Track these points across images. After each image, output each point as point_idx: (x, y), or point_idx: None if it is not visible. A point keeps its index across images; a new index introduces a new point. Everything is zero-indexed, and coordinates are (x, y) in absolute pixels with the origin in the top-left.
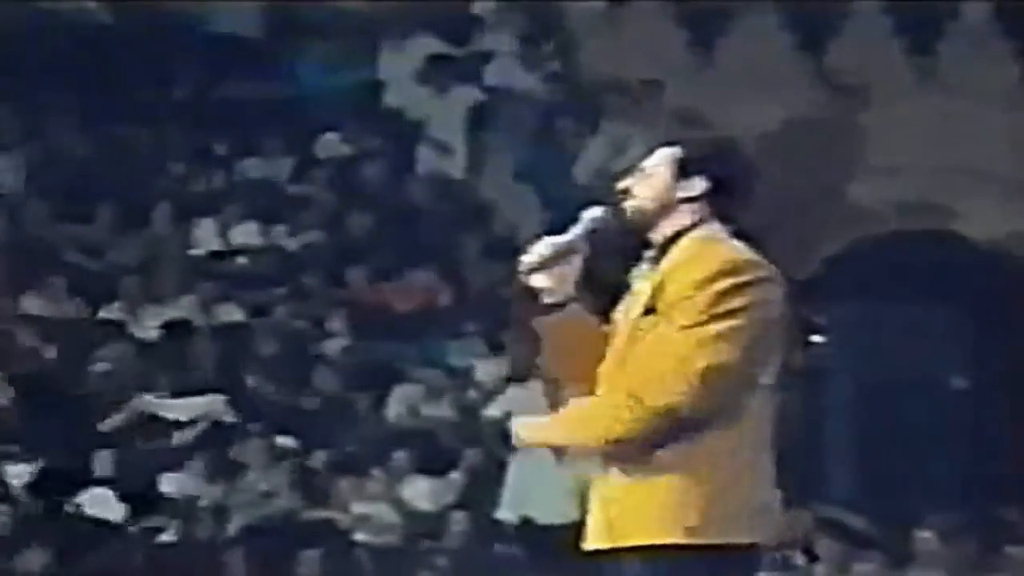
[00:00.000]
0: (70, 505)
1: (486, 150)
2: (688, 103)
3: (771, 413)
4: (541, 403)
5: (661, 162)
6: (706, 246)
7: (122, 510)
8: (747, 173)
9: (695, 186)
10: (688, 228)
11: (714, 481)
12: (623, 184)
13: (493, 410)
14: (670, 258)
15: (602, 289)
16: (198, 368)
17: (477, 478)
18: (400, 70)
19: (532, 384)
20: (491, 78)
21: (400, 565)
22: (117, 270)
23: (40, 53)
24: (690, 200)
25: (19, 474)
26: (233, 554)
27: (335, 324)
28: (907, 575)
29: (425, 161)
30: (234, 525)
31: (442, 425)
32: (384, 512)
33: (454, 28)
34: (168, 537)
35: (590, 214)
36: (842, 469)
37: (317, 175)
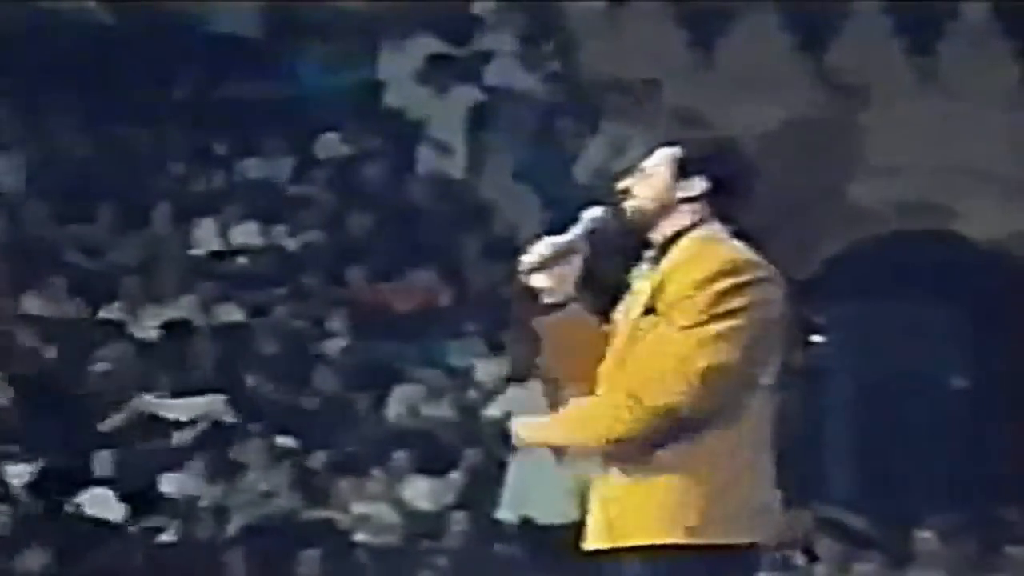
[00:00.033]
0: (70, 505)
1: (486, 150)
2: (688, 103)
3: (771, 413)
4: (541, 403)
5: (661, 162)
6: (706, 246)
7: (122, 510)
8: (747, 173)
9: (695, 186)
10: (688, 228)
11: (714, 481)
12: (623, 184)
13: (493, 410)
14: (670, 258)
15: (602, 289)
16: (198, 368)
17: (477, 478)
18: (400, 70)
19: (532, 384)
20: (491, 78)
21: (400, 565)
22: (117, 270)
23: (40, 53)
24: (690, 200)
25: (19, 474)
26: (233, 554)
27: (335, 324)
28: (907, 575)
29: (425, 161)
30: (234, 525)
31: (442, 425)
32: (384, 512)
33: (454, 28)
34: (168, 537)
35: (590, 214)
36: (842, 469)
37: (317, 175)
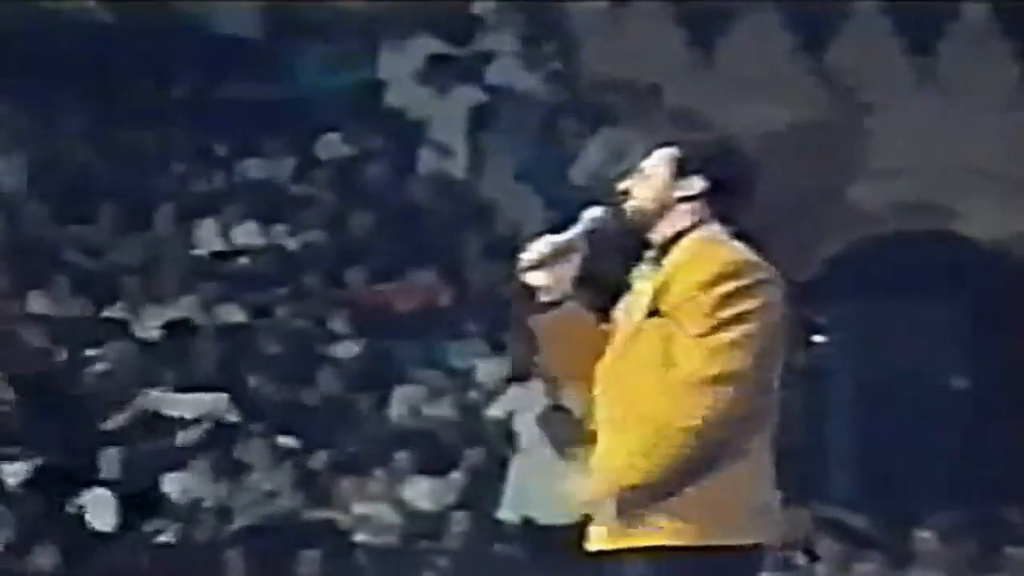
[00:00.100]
0: (71, 506)
1: (487, 150)
2: (689, 103)
3: (772, 413)
4: (542, 403)
5: (660, 162)
6: (707, 247)
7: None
8: (747, 173)
9: (693, 185)
10: (688, 228)
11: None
12: (623, 185)
13: (494, 410)
14: (671, 259)
15: (602, 288)
16: (200, 368)
17: (478, 478)
18: (401, 70)
19: (533, 384)
20: (492, 78)
21: (401, 565)
22: (119, 270)
23: (42, 54)
24: (689, 199)
25: (22, 473)
26: (234, 554)
27: (336, 324)
28: (907, 575)
29: (426, 161)
30: (235, 525)
31: (443, 425)
32: (385, 512)
33: (454, 28)
34: (170, 537)
35: (590, 214)
36: (843, 469)
37: (318, 175)
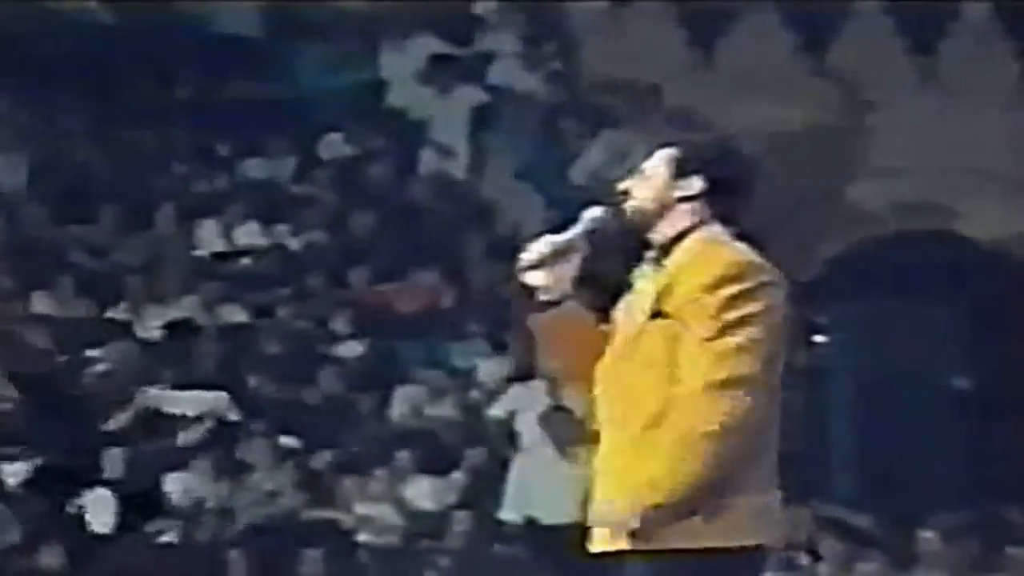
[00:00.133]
0: (72, 506)
1: (488, 150)
2: (689, 104)
3: (775, 414)
4: (543, 403)
5: (660, 162)
6: (709, 247)
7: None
8: (746, 173)
9: (693, 185)
10: (689, 229)
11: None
12: (623, 185)
13: (496, 410)
14: (673, 260)
15: (602, 288)
16: (202, 368)
17: (480, 478)
18: (402, 70)
19: (535, 384)
20: (493, 78)
21: (403, 566)
22: (121, 271)
23: (43, 54)
24: (688, 199)
25: (24, 473)
26: (236, 554)
27: (338, 324)
28: (910, 575)
29: (428, 161)
30: (237, 525)
31: (445, 425)
32: (387, 512)
33: (455, 28)
34: (172, 537)
35: (590, 214)
36: (845, 469)
37: (320, 175)
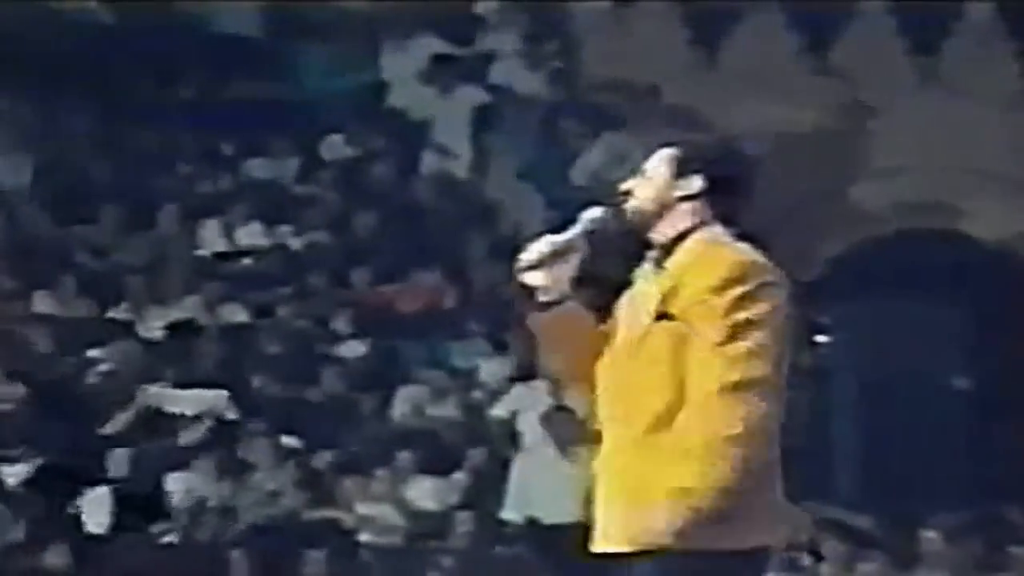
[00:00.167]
0: (73, 507)
1: (490, 150)
2: (692, 104)
3: (778, 415)
4: (545, 403)
5: (660, 162)
6: (711, 248)
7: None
8: (746, 173)
9: (693, 185)
10: (690, 229)
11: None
12: (624, 186)
13: (498, 410)
14: (675, 260)
15: (602, 288)
16: (204, 368)
17: (481, 478)
18: (404, 70)
19: (536, 383)
20: (495, 78)
21: (405, 565)
22: (123, 271)
23: (45, 54)
24: (688, 199)
25: (26, 473)
26: (238, 554)
27: (340, 324)
28: (912, 575)
29: (430, 161)
30: (239, 525)
31: (446, 425)
32: (388, 512)
33: (457, 28)
34: (174, 537)
35: (589, 214)
36: (847, 469)
37: (322, 176)
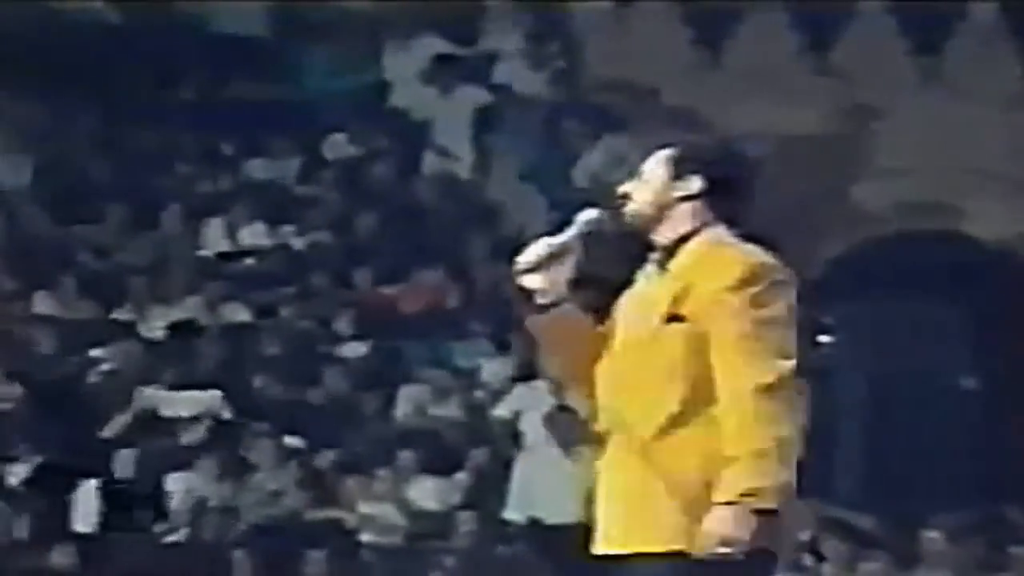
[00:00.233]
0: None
1: (492, 151)
2: (694, 104)
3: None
4: (547, 403)
5: (658, 164)
6: (716, 249)
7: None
8: (744, 173)
9: (691, 186)
10: (692, 231)
11: None
12: (623, 188)
13: (500, 410)
14: (680, 262)
15: (600, 290)
16: (206, 368)
17: (483, 478)
18: (406, 70)
19: (539, 383)
20: (497, 78)
21: (406, 565)
22: (125, 271)
23: (48, 54)
24: (688, 199)
25: (26, 473)
26: (240, 554)
27: (342, 325)
28: (914, 575)
29: (431, 161)
30: (241, 525)
31: (449, 425)
32: (390, 512)
33: (459, 28)
34: (176, 537)
35: (585, 216)
36: (849, 469)
37: (324, 176)
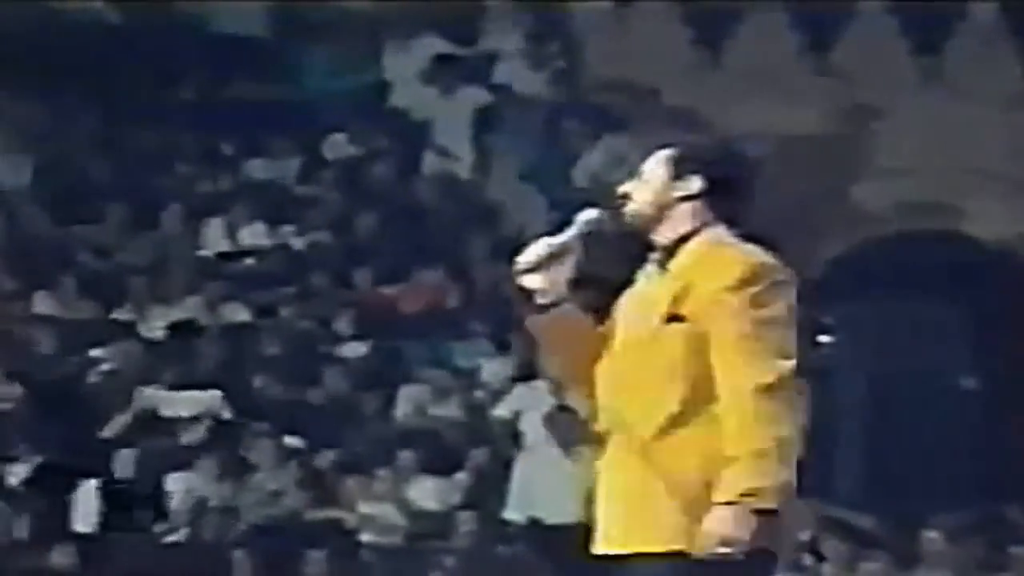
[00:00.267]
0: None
1: (492, 151)
2: (694, 104)
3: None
4: (547, 403)
5: (658, 164)
6: (716, 249)
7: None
8: (744, 173)
9: (691, 186)
10: (693, 231)
11: None
12: (623, 188)
13: (500, 410)
14: (680, 263)
15: (600, 290)
16: (206, 368)
17: (484, 478)
18: (406, 70)
19: (539, 383)
20: (497, 78)
21: (406, 565)
22: (125, 271)
23: (48, 54)
24: (688, 199)
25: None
26: (240, 554)
27: (342, 325)
28: (914, 575)
29: (431, 162)
30: (241, 525)
31: (449, 425)
32: (390, 512)
33: (459, 28)
34: (176, 537)
35: (584, 216)
36: (849, 469)
37: (324, 176)
